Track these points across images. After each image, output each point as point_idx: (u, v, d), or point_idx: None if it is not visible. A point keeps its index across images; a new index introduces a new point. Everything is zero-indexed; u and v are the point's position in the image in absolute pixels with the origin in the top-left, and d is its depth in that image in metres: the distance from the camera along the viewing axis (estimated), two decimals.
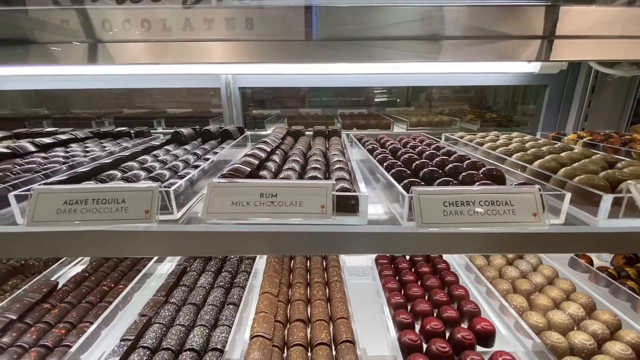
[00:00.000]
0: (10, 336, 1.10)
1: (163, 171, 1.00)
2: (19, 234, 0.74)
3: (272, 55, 1.61)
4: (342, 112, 3.15)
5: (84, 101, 2.92)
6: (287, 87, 2.98)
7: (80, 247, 0.76)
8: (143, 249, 0.75)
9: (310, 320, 1.19)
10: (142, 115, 2.68)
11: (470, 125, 2.42)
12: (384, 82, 2.58)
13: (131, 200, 0.76)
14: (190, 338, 1.09)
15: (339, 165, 1.06)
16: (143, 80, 1.95)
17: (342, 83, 2.11)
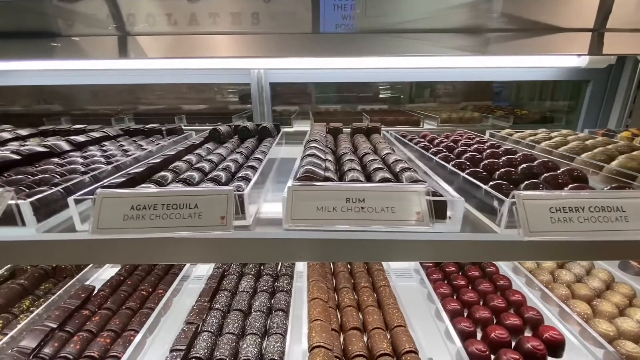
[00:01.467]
0: (52, 346, 1.04)
1: (219, 172, 0.93)
2: (84, 241, 0.68)
3: (310, 48, 1.54)
4: (363, 107, 3.08)
5: (102, 97, 2.84)
6: (314, 83, 2.89)
7: (150, 254, 0.69)
8: (219, 256, 0.69)
9: (366, 329, 1.13)
10: (162, 112, 2.60)
11: (501, 121, 2.35)
12: (411, 77, 2.50)
13: (205, 205, 0.69)
14: (244, 348, 1.03)
15: (402, 165, 0.99)
16: (172, 75, 1.88)
17: (369, 78, 2.04)
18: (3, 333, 1.12)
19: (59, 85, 2.55)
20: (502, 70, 2.01)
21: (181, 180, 0.88)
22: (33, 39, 1.55)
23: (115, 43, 1.64)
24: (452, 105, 3.22)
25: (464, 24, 1.53)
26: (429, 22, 1.52)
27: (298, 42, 1.53)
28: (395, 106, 3.19)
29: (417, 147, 1.28)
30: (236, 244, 0.69)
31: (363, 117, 2.30)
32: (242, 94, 2.92)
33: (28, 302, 1.27)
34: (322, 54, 1.53)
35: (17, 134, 1.48)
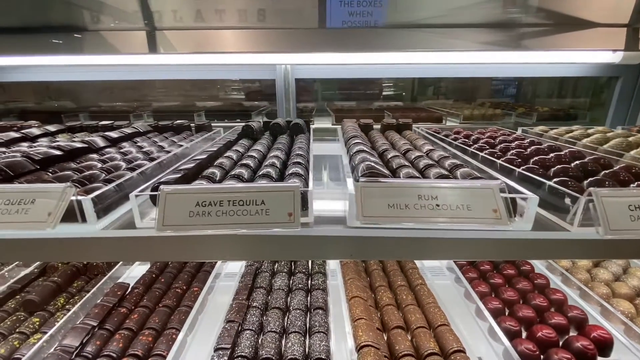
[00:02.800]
0: (94, 344, 1.03)
1: (268, 169, 0.91)
2: (150, 238, 0.66)
3: (344, 44, 1.52)
4: (380, 104, 3.05)
5: (118, 93, 2.82)
6: (329, 80, 2.86)
7: (217, 251, 0.68)
8: (286, 254, 0.67)
9: (409, 328, 1.11)
10: (180, 109, 2.58)
11: (523, 119, 2.32)
12: (433, 74, 2.46)
13: (272, 201, 0.67)
14: (289, 347, 1.02)
15: (452, 162, 0.97)
16: (196, 71, 1.86)
17: (391, 74, 2.02)
18: (42, 331, 1.11)
19: (75, 81, 2.53)
20: (530, 66, 1.99)
21: (233, 177, 0.87)
22: (54, 34, 1.54)
23: (141, 38, 1.63)
24: (469, 102, 3.19)
25: (494, 19, 1.52)
26: (459, 17, 1.51)
27: (329, 37, 1.51)
28: (410, 103, 3.16)
29: (456, 144, 1.26)
30: (304, 241, 0.67)
31: (385, 113, 2.28)
32: (258, 91, 2.90)
33: (62, 299, 1.26)
34: (355, 50, 1.51)
35: (46, 130, 1.47)
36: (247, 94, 2.91)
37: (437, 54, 1.63)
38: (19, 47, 1.64)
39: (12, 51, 1.69)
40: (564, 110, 2.34)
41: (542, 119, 2.27)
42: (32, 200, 0.66)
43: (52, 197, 0.66)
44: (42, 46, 1.61)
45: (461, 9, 1.48)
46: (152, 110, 2.44)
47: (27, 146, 1.29)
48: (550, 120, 2.30)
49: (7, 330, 1.11)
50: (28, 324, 1.13)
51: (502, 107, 2.74)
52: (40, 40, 1.57)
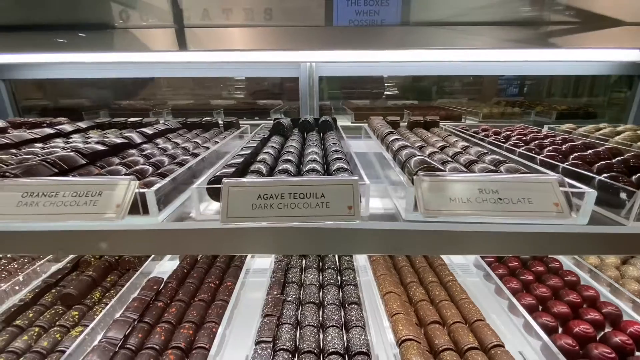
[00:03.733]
0: (137, 337, 1.04)
1: (312, 164, 0.93)
2: (215, 230, 0.67)
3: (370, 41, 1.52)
4: (395, 103, 3.06)
5: (134, 91, 2.83)
6: (356, 77, 2.86)
7: (279, 243, 0.69)
8: (346, 246, 0.68)
9: (445, 323, 1.12)
10: (198, 107, 2.59)
11: (542, 117, 2.33)
12: (449, 72, 2.47)
13: (331, 194, 0.68)
14: (329, 340, 1.03)
15: (492, 157, 0.98)
16: (219, 69, 1.87)
17: (411, 72, 2.03)
18: (82, 324, 1.13)
19: (93, 79, 2.55)
20: (550, 64, 1.99)
21: (281, 172, 0.88)
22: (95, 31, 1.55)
23: (168, 35, 1.64)
24: (484, 101, 3.19)
25: (513, 16, 1.52)
26: (478, 15, 1.51)
27: (356, 34, 1.52)
28: (425, 102, 3.16)
29: (490, 140, 1.26)
30: (364, 235, 0.68)
31: (404, 112, 2.28)
32: (273, 89, 2.91)
33: (98, 293, 1.27)
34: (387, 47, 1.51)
35: (78, 126, 1.48)
36: (263, 92, 2.92)
37: (463, 52, 1.63)
38: (40, 44, 1.65)
39: (37, 49, 1.71)
40: (583, 109, 2.34)
41: (562, 117, 2.27)
42: (99, 192, 0.67)
43: (118, 190, 0.67)
44: (68, 43, 1.62)
45: (482, 7, 1.48)
46: (172, 107, 2.45)
47: (62, 141, 1.30)
48: (569, 118, 2.30)
49: (47, 324, 1.13)
50: (68, 317, 1.14)
51: (518, 105, 2.74)
52: (63, 37, 1.58)
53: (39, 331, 1.09)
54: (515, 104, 2.79)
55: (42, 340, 1.04)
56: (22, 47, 1.62)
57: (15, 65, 1.97)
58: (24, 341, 1.04)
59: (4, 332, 1.08)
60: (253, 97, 2.98)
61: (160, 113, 2.39)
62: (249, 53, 1.68)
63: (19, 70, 1.98)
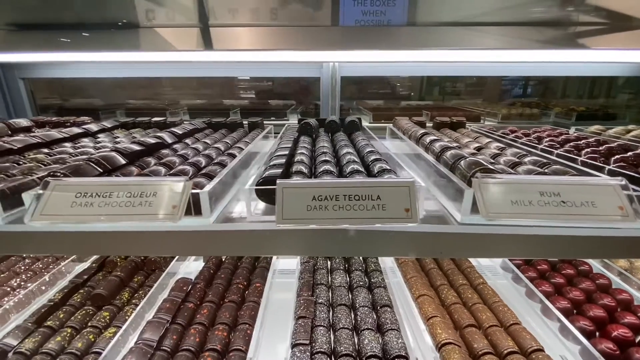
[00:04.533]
0: (171, 339, 1.03)
1: (354, 166, 0.92)
2: (272, 231, 0.66)
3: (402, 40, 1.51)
4: (408, 103, 3.05)
5: (150, 90, 2.83)
6: (368, 77, 2.85)
7: (335, 246, 0.68)
8: (404, 249, 0.67)
9: (480, 326, 1.11)
10: (214, 107, 2.59)
11: (561, 118, 2.31)
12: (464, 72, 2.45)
13: (388, 196, 0.67)
14: (366, 344, 1.02)
15: (533, 158, 0.96)
16: (240, 69, 1.86)
17: (434, 72, 2.01)
18: (115, 325, 1.12)
19: (109, 78, 2.55)
20: (571, 65, 1.97)
21: (325, 172, 0.87)
22: (123, 30, 1.55)
23: (194, 35, 1.63)
24: (498, 102, 3.17)
25: (548, 17, 1.51)
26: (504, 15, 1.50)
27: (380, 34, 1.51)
28: (440, 102, 3.15)
29: (523, 142, 1.25)
30: (422, 238, 0.67)
31: (423, 112, 2.27)
32: (288, 89, 2.91)
33: (127, 294, 1.26)
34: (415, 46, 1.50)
35: (103, 126, 1.48)
36: (277, 93, 2.91)
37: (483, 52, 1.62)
38: (60, 43, 1.64)
39: (57, 47, 1.70)
40: (603, 110, 2.32)
41: (581, 118, 2.25)
42: (154, 193, 0.66)
43: (174, 191, 0.66)
44: (89, 43, 1.61)
45: (491, 8, 1.47)
46: (187, 107, 2.44)
47: (88, 140, 1.30)
48: (589, 119, 2.28)
49: (78, 324, 1.12)
50: (99, 318, 1.13)
51: (534, 106, 2.73)
52: (84, 36, 1.57)
53: (71, 332, 1.08)
54: (531, 104, 2.77)
55: (76, 341, 1.04)
56: (44, 45, 1.61)
57: (33, 64, 1.96)
58: (57, 342, 1.03)
59: (36, 333, 1.07)
60: (267, 97, 2.97)
61: (177, 113, 2.38)
62: (271, 53, 1.68)
63: (38, 69, 1.98)
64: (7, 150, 1.04)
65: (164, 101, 2.80)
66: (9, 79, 1.95)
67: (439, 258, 1.46)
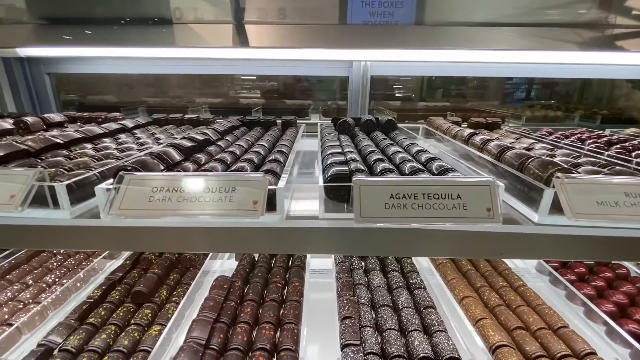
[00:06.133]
0: (218, 337, 1.02)
1: (412, 164, 0.91)
2: (349, 230, 0.65)
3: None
4: (426, 104, 3.04)
5: (170, 87, 2.81)
6: (392, 77, 2.84)
7: (414, 245, 0.67)
8: (487, 250, 0.66)
9: (528, 329, 1.09)
10: (233, 105, 2.58)
11: (586, 121, 2.30)
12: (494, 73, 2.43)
13: (468, 195, 0.66)
14: (417, 345, 1.00)
15: (586, 159, 0.95)
16: (267, 67, 1.85)
17: (462, 73, 2.01)
18: (158, 323, 1.11)
19: (128, 75, 2.54)
20: (592, 67, 1.96)
21: (387, 171, 0.86)
22: (156, 26, 1.54)
23: (228, 32, 1.62)
24: (517, 104, 3.16)
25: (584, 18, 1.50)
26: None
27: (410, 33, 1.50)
28: (457, 104, 3.14)
29: (566, 143, 1.24)
30: (502, 238, 0.66)
31: (447, 113, 2.26)
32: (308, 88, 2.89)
33: (165, 291, 1.25)
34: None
35: (138, 122, 1.47)
36: (296, 92, 2.90)
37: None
38: (88, 37, 1.63)
39: (86, 42, 1.68)
40: (627, 113, 2.31)
41: (606, 121, 2.25)
42: (233, 188, 0.65)
43: (254, 186, 0.65)
44: (117, 38, 1.60)
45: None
46: (209, 105, 2.43)
47: (125, 136, 1.29)
48: (613, 122, 2.28)
49: (120, 322, 1.11)
50: (141, 316, 1.12)
51: (555, 108, 2.72)
52: (114, 30, 1.55)
53: (115, 329, 1.07)
54: (552, 107, 2.77)
55: (122, 339, 1.02)
56: (75, 40, 1.59)
57: (60, 58, 1.95)
58: (103, 340, 1.02)
59: (79, 330, 1.06)
60: (285, 97, 2.96)
61: (199, 110, 2.37)
62: (302, 51, 1.67)
63: (64, 64, 1.96)
64: (55, 144, 1.03)
65: (183, 98, 2.78)
66: (35, 74, 1.94)
67: (521, 259, 1.43)
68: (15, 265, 1.39)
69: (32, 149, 0.94)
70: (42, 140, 0.99)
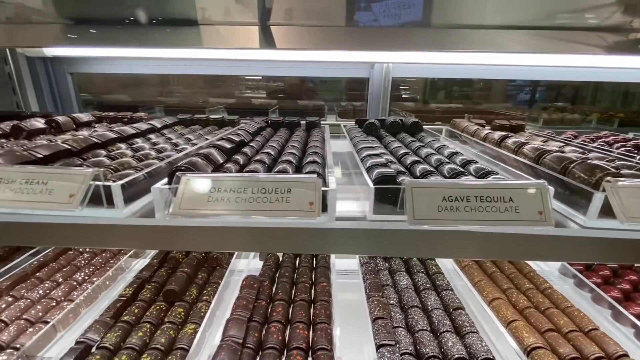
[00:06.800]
0: (253, 336, 1.03)
1: (451, 166, 0.92)
2: (403, 231, 0.66)
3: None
4: (439, 106, 3.04)
5: (185, 87, 2.83)
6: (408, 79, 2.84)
7: (468, 248, 0.67)
8: (538, 252, 0.67)
9: (560, 331, 1.10)
10: (246, 105, 2.60)
11: (603, 125, 2.31)
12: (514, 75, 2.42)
13: (520, 198, 0.67)
14: (450, 346, 1.01)
15: (622, 163, 0.96)
16: (287, 68, 1.86)
17: (485, 75, 2.01)
18: (192, 322, 1.12)
19: (146, 75, 2.55)
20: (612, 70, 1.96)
21: (429, 173, 0.87)
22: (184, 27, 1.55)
23: (253, 33, 1.63)
24: (529, 106, 3.16)
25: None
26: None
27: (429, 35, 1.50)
28: (470, 106, 3.14)
29: (594, 146, 1.25)
30: (554, 241, 0.67)
31: (465, 116, 2.26)
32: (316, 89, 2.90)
33: (195, 290, 1.26)
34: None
35: (165, 122, 1.48)
36: (310, 93, 2.90)
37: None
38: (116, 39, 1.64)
39: (110, 43, 1.69)
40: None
41: (623, 124, 2.25)
42: (288, 189, 0.66)
43: (309, 188, 0.66)
44: (143, 38, 1.61)
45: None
46: (225, 106, 2.45)
47: (156, 137, 1.30)
48: (630, 126, 2.28)
49: (154, 320, 1.12)
50: (175, 314, 1.13)
51: (569, 111, 2.72)
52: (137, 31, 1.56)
53: (150, 327, 1.08)
54: (565, 110, 2.77)
55: (159, 337, 1.03)
56: (101, 40, 1.60)
57: (83, 58, 1.97)
58: (140, 337, 1.03)
59: (115, 328, 1.07)
60: (297, 98, 2.96)
61: (216, 110, 2.38)
62: (323, 52, 1.68)
63: (86, 64, 1.98)
64: (94, 144, 1.04)
65: (197, 99, 2.80)
66: (58, 73, 1.96)
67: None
68: (43, 263, 1.40)
69: (74, 148, 0.96)
70: (82, 140, 1.01)
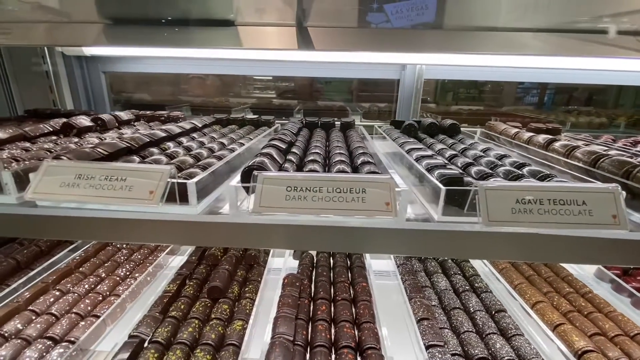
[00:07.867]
0: (301, 334, 1.05)
1: (508, 168, 0.92)
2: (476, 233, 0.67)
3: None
4: (461, 108, 3.03)
5: (212, 87, 2.85)
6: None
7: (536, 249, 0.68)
8: (613, 257, 0.67)
9: (605, 335, 1.10)
10: (275, 106, 2.62)
11: (632, 129, 2.29)
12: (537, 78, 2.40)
13: (593, 202, 0.68)
14: (499, 348, 1.01)
15: None
16: (319, 69, 1.88)
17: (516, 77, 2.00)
18: (239, 318, 1.13)
19: (174, 74, 2.57)
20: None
21: (486, 175, 0.87)
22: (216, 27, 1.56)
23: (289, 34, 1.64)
24: (552, 109, 3.14)
25: None
26: None
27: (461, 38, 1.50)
28: (489, 108, 3.13)
29: (635, 151, 1.24)
30: (627, 245, 0.67)
31: (492, 118, 2.26)
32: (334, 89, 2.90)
33: (237, 287, 1.28)
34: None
35: (205, 122, 1.50)
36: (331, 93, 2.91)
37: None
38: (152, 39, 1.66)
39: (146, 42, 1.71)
40: None
41: None
42: (363, 189, 0.67)
43: (382, 188, 0.67)
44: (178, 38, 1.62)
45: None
46: (250, 106, 2.47)
47: (198, 136, 1.32)
48: None
49: (201, 316, 1.13)
50: (221, 311, 1.15)
51: (594, 115, 2.70)
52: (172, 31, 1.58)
53: (198, 323, 1.10)
54: (591, 113, 2.74)
55: (209, 332, 1.05)
56: (138, 41, 1.63)
57: (117, 58, 2.00)
58: (190, 333, 1.05)
59: (165, 323, 1.09)
60: (322, 99, 2.97)
61: (241, 110, 2.41)
62: (356, 53, 1.69)
63: (120, 63, 2.01)
64: (148, 143, 1.06)
65: (221, 98, 2.82)
66: (92, 72, 1.99)
67: None
68: (85, 259, 1.43)
69: (133, 146, 0.98)
70: (139, 138, 1.03)
